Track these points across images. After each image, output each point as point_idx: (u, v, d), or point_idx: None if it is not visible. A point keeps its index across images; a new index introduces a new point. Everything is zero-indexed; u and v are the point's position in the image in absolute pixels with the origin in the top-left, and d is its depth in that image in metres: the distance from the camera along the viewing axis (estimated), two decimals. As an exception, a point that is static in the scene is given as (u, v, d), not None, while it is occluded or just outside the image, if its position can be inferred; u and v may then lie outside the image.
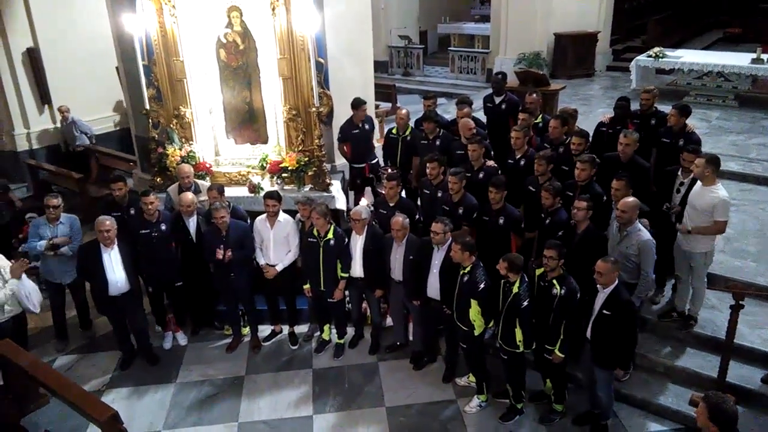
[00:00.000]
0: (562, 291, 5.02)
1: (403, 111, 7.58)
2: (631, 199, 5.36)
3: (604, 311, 4.91)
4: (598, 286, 4.95)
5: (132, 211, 6.50)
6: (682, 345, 6.01)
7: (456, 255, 5.29)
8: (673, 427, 5.41)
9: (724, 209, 5.49)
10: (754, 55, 11.83)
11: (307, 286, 6.37)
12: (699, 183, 5.60)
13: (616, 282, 4.90)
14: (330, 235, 6.04)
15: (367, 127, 7.60)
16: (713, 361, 5.61)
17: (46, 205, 6.36)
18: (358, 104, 7.29)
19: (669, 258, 5.92)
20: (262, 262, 6.42)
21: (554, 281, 5.07)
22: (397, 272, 6.05)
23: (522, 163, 6.63)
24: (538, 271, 5.24)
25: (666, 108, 7.04)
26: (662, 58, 12.57)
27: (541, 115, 7.51)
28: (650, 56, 12.71)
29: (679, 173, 5.88)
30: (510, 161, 6.75)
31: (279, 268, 6.38)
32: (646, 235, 5.33)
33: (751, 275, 6.48)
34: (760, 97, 12.19)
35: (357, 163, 7.68)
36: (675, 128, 6.64)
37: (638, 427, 5.48)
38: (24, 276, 5.71)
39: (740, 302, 5.08)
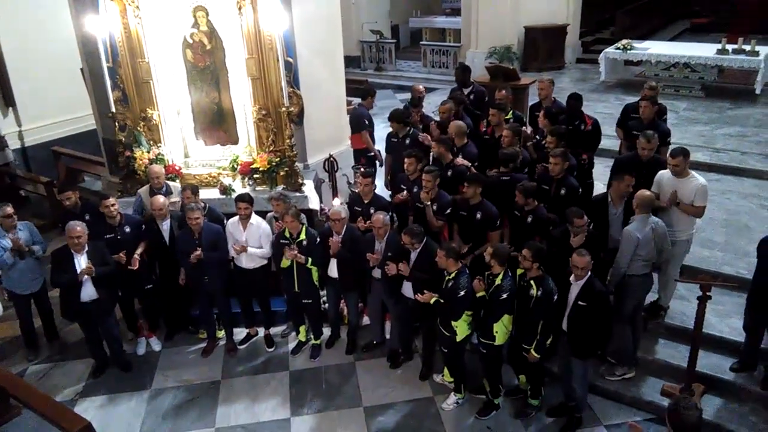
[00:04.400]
0: (539, 292, 5.03)
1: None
2: (642, 192, 5.45)
3: (580, 302, 4.97)
4: (571, 278, 5.02)
5: (87, 217, 6.34)
6: (654, 336, 6.10)
7: (441, 261, 5.26)
8: (646, 417, 5.49)
9: (704, 194, 5.68)
10: (719, 46, 12.06)
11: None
12: (671, 177, 5.72)
13: (590, 273, 4.97)
14: (302, 236, 6.01)
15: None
16: (684, 351, 5.69)
17: (1, 216, 6.15)
18: (367, 94, 8.35)
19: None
20: (233, 253, 6.31)
21: (531, 282, 5.09)
22: (376, 270, 6.02)
23: None
24: (519, 271, 5.26)
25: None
26: (630, 50, 12.77)
27: (511, 111, 7.54)
28: (618, 48, 12.90)
29: (610, 201, 5.80)
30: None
31: (250, 251, 6.26)
32: (631, 226, 5.37)
33: (718, 265, 6.62)
34: (726, 88, 12.45)
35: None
36: (645, 120, 6.73)
37: (612, 418, 5.56)
38: None
39: (707, 293, 5.17)
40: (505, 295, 5.13)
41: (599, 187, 7.38)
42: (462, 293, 5.22)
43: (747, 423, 5.27)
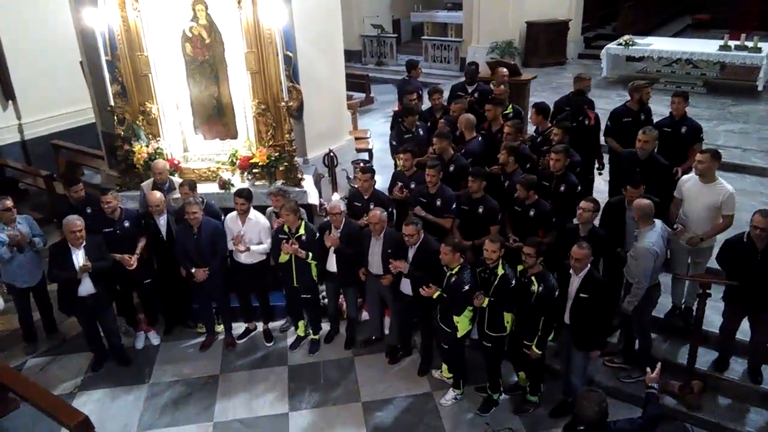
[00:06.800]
0: (540, 288, 5.02)
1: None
2: (640, 201, 5.26)
3: (581, 294, 4.95)
4: (570, 270, 5.01)
5: (88, 210, 6.33)
6: (653, 333, 6.06)
7: (446, 257, 5.23)
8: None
9: (732, 203, 5.47)
10: (722, 42, 12.00)
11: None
12: (696, 181, 5.58)
13: (589, 266, 4.96)
14: (301, 231, 6.00)
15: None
16: (683, 349, 5.69)
17: (1, 209, 6.12)
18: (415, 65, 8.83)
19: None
20: (231, 246, 6.31)
21: (533, 278, 5.07)
22: (375, 266, 6.01)
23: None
24: (520, 267, 5.24)
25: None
26: (632, 45, 12.72)
27: (510, 106, 7.51)
28: (620, 44, 12.85)
29: (627, 206, 5.56)
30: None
31: (252, 249, 6.26)
32: (648, 242, 5.17)
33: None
34: (728, 84, 12.39)
35: None
36: (676, 116, 6.51)
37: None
38: None
39: (707, 291, 5.16)
40: (513, 283, 5.11)
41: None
42: (466, 287, 5.21)
43: (747, 421, 5.27)
